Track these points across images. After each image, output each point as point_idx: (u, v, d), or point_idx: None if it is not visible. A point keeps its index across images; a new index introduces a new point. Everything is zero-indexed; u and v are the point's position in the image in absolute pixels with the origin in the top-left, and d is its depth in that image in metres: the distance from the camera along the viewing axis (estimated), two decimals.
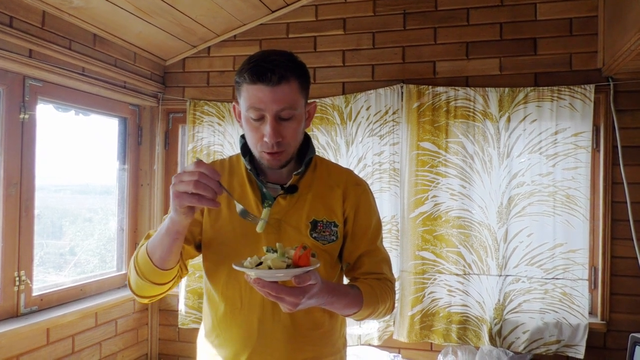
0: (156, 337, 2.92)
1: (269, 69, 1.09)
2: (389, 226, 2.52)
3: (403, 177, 2.53)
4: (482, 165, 2.44)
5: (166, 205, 2.90)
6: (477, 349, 2.41)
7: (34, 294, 2.22)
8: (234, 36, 2.84)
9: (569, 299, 2.33)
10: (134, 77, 2.69)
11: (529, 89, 2.40)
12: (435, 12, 2.57)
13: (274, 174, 1.26)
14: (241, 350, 1.20)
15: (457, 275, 2.45)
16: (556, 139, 2.37)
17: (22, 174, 2.14)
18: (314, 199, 1.24)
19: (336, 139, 2.63)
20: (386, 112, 2.55)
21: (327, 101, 2.64)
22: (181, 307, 2.76)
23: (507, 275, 2.40)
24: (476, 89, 2.46)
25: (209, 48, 2.88)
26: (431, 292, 2.48)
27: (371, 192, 1.34)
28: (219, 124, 2.79)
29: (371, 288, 1.19)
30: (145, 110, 2.93)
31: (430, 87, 2.50)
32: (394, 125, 2.54)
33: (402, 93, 2.54)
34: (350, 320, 1.53)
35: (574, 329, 2.32)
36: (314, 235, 1.22)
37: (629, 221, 2.30)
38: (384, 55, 2.63)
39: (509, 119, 2.42)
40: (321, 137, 2.65)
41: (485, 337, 2.40)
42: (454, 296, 2.46)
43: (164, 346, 2.92)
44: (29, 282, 2.16)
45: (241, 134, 1.27)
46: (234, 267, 0.99)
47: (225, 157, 1.35)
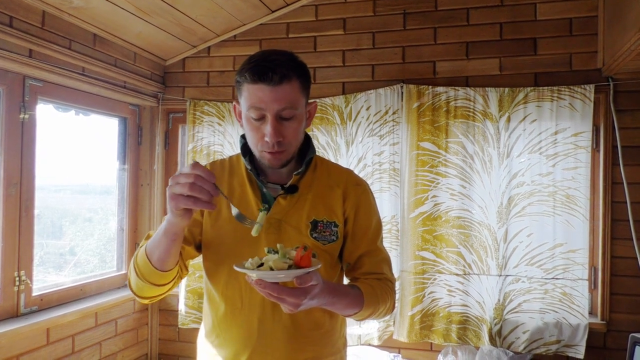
0: (156, 337, 2.92)
1: (270, 69, 1.09)
2: (389, 226, 2.52)
3: (403, 177, 2.53)
4: (482, 165, 2.44)
5: (166, 206, 2.89)
6: (477, 349, 2.41)
7: (34, 294, 2.22)
8: (234, 36, 2.84)
9: (569, 299, 2.33)
10: (134, 77, 2.69)
11: (529, 89, 2.40)
12: (435, 12, 2.57)
13: (274, 174, 1.26)
14: (241, 351, 1.20)
15: (457, 275, 2.45)
16: (556, 139, 2.37)
17: (22, 174, 2.14)
18: (314, 199, 1.24)
19: (336, 139, 2.63)
20: (386, 112, 2.55)
21: (327, 101, 2.64)
22: (181, 307, 2.76)
23: (507, 275, 2.40)
24: (476, 89, 2.46)
25: (209, 48, 2.88)
26: (431, 292, 2.48)
27: (371, 192, 1.34)
28: (219, 124, 2.79)
29: (372, 288, 1.19)
30: (145, 110, 2.92)
31: (430, 87, 2.50)
32: (394, 125, 2.54)
33: (402, 93, 2.54)
34: (350, 320, 1.53)
35: (574, 329, 2.32)
36: (314, 236, 1.22)
37: (629, 221, 2.31)
38: (384, 55, 2.63)
39: (508, 119, 2.42)
40: (321, 137, 2.64)
41: (485, 337, 2.40)
42: (454, 296, 2.46)
43: (164, 346, 2.92)
44: (29, 282, 2.16)
45: (241, 134, 1.27)
46: (236, 269, 0.98)
47: (226, 157, 1.35)
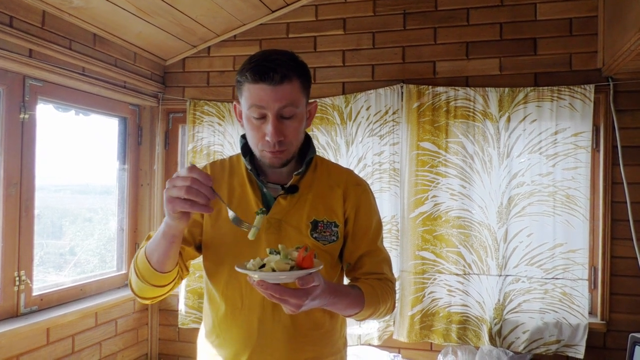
0: (156, 337, 2.92)
1: (271, 68, 1.10)
2: (389, 226, 2.52)
3: (403, 177, 2.53)
4: (482, 165, 2.44)
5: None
6: (477, 348, 2.41)
7: (34, 293, 2.22)
8: (234, 36, 2.84)
9: (569, 299, 2.33)
10: (134, 77, 2.69)
11: (529, 89, 2.40)
12: (435, 12, 2.57)
13: (274, 174, 1.26)
14: (241, 351, 1.20)
15: (457, 275, 2.45)
16: (556, 139, 2.37)
17: (22, 174, 2.14)
18: (314, 199, 1.24)
19: (336, 139, 2.63)
20: (386, 112, 2.55)
21: (327, 101, 2.64)
22: (181, 307, 2.76)
23: (507, 275, 2.40)
24: (476, 89, 2.46)
25: (209, 48, 2.88)
26: (431, 292, 2.48)
27: (371, 192, 1.34)
28: (219, 124, 2.79)
29: (372, 288, 1.19)
30: (145, 110, 2.92)
31: (430, 87, 2.50)
32: (394, 125, 2.54)
33: (402, 93, 2.54)
34: (350, 320, 1.53)
35: (573, 328, 2.32)
36: (314, 236, 1.22)
37: (629, 221, 2.31)
38: (384, 55, 2.63)
39: (508, 119, 2.42)
40: (321, 137, 2.64)
41: (485, 337, 2.40)
42: (454, 296, 2.46)
43: (164, 346, 2.92)
44: (29, 282, 2.16)
45: (241, 133, 1.27)
46: (237, 270, 0.98)
47: (226, 157, 1.34)
